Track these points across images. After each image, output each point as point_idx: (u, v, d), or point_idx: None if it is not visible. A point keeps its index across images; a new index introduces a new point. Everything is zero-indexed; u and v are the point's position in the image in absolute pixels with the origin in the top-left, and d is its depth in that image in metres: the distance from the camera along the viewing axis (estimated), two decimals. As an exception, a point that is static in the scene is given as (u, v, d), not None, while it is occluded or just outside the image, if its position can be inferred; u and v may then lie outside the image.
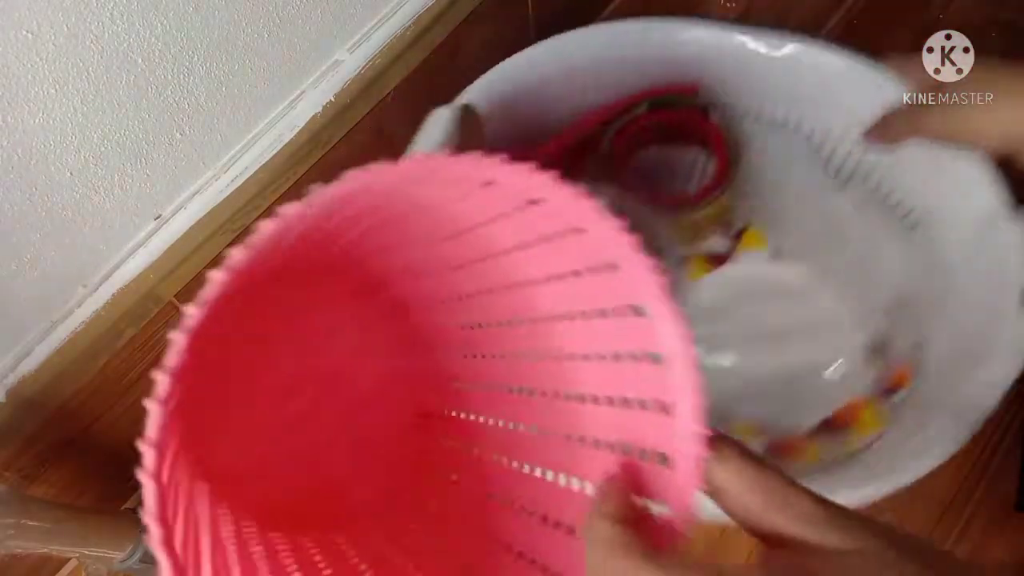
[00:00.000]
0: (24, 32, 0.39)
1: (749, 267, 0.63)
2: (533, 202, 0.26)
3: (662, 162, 0.63)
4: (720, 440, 0.24)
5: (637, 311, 0.26)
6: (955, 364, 0.49)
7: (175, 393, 0.22)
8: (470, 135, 0.49)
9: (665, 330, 0.25)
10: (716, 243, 0.64)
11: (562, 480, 0.32)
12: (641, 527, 0.24)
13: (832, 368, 0.59)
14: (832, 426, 0.55)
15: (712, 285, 0.63)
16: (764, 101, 0.59)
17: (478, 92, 0.56)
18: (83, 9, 0.40)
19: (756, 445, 0.55)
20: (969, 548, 0.58)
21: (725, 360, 0.60)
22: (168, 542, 0.21)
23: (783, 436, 0.56)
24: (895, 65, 0.49)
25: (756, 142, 0.61)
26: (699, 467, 0.24)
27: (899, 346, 0.56)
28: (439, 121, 0.49)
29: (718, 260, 0.63)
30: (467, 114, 0.50)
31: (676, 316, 0.25)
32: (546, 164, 0.23)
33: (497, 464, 0.36)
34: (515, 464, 0.35)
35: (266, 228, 0.21)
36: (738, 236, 0.64)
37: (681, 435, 0.24)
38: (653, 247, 0.60)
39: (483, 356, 0.38)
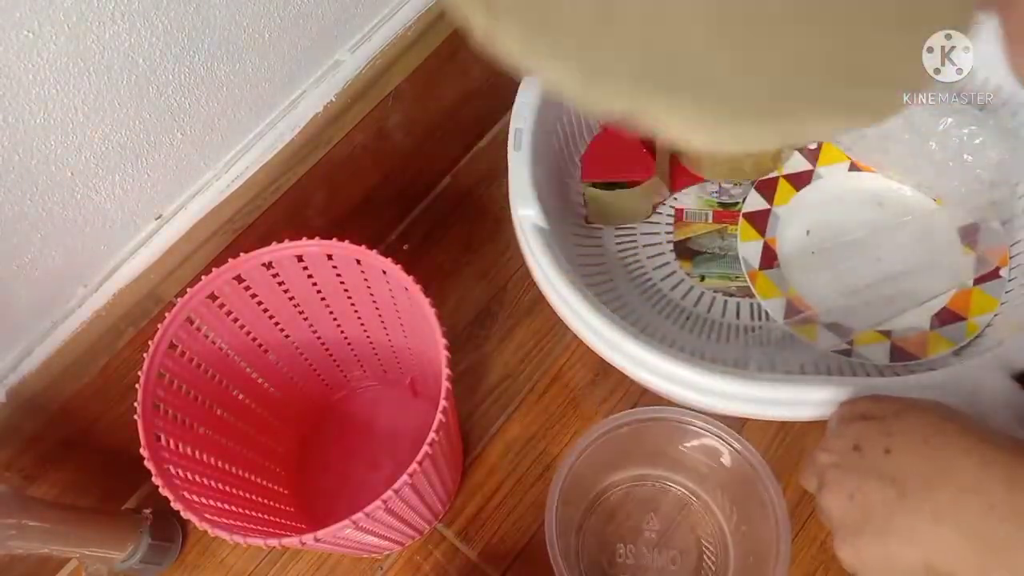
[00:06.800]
0: (25, 32, 0.39)
1: (832, 181, 0.64)
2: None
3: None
4: None
5: None
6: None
7: None
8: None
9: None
10: (798, 163, 0.66)
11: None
12: None
13: (930, 263, 0.60)
14: (947, 317, 0.58)
15: (800, 205, 0.64)
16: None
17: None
18: (84, 9, 0.41)
19: (882, 350, 0.57)
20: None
21: (825, 277, 0.62)
22: None
23: (905, 336, 0.58)
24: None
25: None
26: None
27: (991, 228, 0.59)
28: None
29: (802, 179, 0.65)
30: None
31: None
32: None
33: None
34: None
35: None
36: (816, 153, 0.66)
37: None
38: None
39: None
